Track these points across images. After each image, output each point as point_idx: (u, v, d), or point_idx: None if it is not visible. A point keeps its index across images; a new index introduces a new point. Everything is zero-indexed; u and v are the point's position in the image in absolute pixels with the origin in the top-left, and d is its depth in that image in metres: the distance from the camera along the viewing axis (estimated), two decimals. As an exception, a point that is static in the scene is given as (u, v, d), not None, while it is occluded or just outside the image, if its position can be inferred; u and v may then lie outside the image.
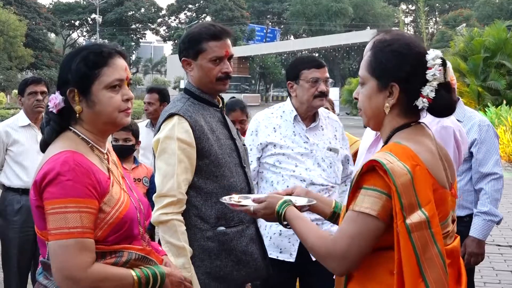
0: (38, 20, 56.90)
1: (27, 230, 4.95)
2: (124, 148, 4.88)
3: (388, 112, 2.14)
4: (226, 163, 3.02)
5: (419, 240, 1.93)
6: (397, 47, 2.13)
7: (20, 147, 4.97)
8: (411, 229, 1.92)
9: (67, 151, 2.14)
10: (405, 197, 1.94)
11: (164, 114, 3.02)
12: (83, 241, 2.07)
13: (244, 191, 3.08)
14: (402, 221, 1.93)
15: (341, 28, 67.34)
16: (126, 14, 69.07)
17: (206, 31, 3.03)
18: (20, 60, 46.09)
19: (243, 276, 3.10)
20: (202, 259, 2.96)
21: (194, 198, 2.96)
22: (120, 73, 2.26)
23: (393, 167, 1.96)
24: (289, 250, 3.66)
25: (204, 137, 2.96)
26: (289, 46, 60.14)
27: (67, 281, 2.07)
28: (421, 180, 1.98)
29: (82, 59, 2.22)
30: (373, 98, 2.17)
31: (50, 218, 2.07)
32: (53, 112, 2.24)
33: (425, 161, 2.03)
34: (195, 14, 74.74)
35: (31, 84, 5.02)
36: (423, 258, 1.93)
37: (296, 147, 3.67)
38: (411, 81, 2.08)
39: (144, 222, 2.38)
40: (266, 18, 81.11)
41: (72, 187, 2.07)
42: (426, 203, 1.96)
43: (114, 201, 2.20)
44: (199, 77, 3.06)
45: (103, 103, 2.23)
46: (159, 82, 56.26)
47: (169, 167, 2.89)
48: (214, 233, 2.98)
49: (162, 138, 2.93)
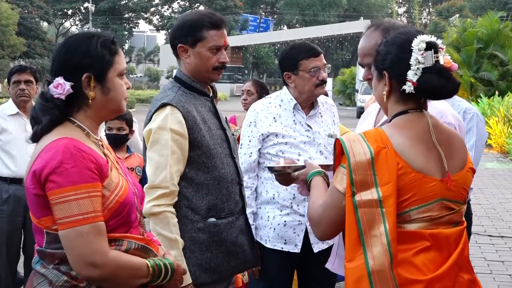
0: (31, 8, 56.55)
1: (15, 220, 4.95)
2: (118, 137, 4.87)
3: (387, 99, 2.28)
4: (217, 154, 3.00)
5: (366, 216, 2.06)
6: (389, 38, 2.29)
7: (8, 136, 4.95)
8: (358, 204, 2.07)
9: (64, 137, 2.12)
10: (358, 174, 2.08)
11: (155, 103, 2.98)
12: (97, 225, 2.08)
13: (234, 182, 3.07)
14: (350, 195, 2.09)
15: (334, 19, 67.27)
16: (119, 3, 68.72)
17: (207, 19, 3.00)
18: (13, 49, 45.86)
19: (232, 267, 3.09)
20: (192, 251, 2.94)
21: (185, 189, 2.94)
22: (124, 62, 2.33)
23: (352, 145, 2.13)
24: (294, 241, 3.61)
25: (197, 128, 2.93)
26: (282, 36, 59.95)
27: (89, 267, 2.06)
28: (384, 162, 2.09)
29: (102, 44, 2.22)
30: (377, 87, 2.33)
31: (60, 207, 2.05)
32: (61, 98, 2.19)
33: (397, 145, 2.13)
34: (188, 4, 74.39)
35: (15, 73, 5.00)
36: (368, 234, 2.05)
37: (298, 135, 3.63)
38: (396, 67, 2.20)
39: (140, 207, 2.38)
40: (259, 8, 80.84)
41: (78, 174, 2.06)
42: (384, 184, 2.07)
43: (114, 185, 2.19)
44: (195, 64, 3.02)
45: (117, 90, 2.26)
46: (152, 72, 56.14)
47: (161, 158, 2.87)
48: (205, 224, 2.97)
49: (154, 129, 2.90)
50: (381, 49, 2.29)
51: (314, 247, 3.61)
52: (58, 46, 2.30)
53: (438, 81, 2.14)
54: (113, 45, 2.26)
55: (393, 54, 2.22)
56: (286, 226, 3.60)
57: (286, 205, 3.59)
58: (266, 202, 3.66)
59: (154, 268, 2.21)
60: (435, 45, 2.18)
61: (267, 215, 3.64)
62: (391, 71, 2.22)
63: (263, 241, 3.64)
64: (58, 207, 2.05)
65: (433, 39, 2.20)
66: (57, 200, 2.05)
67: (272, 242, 3.62)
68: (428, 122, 2.22)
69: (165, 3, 76.52)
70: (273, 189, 3.62)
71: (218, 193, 2.99)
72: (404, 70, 2.16)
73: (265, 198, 3.66)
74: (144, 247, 2.25)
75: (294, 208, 3.59)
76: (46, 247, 2.17)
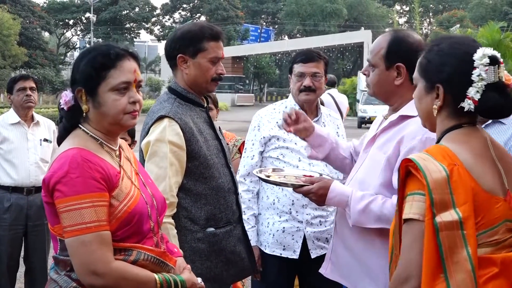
0: (32, 18, 56.64)
1: (16, 228, 4.96)
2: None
3: (437, 114, 2.09)
4: (214, 164, 3.03)
5: (447, 240, 1.85)
6: (443, 46, 2.08)
7: (10, 145, 4.96)
8: (439, 227, 1.85)
9: (74, 148, 2.18)
10: (437, 193, 1.87)
11: (152, 115, 3.00)
12: (101, 235, 2.11)
13: (231, 191, 3.11)
14: (431, 217, 1.87)
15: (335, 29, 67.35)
16: (120, 13, 68.88)
17: (208, 31, 3.04)
18: (14, 59, 45.89)
19: (231, 276, 3.13)
20: (193, 261, 2.94)
21: (183, 200, 2.96)
22: (127, 75, 2.27)
23: (427, 164, 1.91)
24: (293, 247, 3.66)
25: (194, 139, 2.96)
26: (283, 46, 60.04)
27: (91, 276, 2.10)
28: (458, 180, 1.90)
29: (90, 60, 2.25)
30: (423, 99, 2.14)
31: (65, 216, 2.10)
32: (64, 109, 2.28)
33: (465, 162, 1.95)
34: (189, 14, 74.62)
35: (20, 80, 5.02)
36: (450, 260, 1.85)
37: (299, 140, 3.64)
38: (454, 82, 2.02)
39: (157, 217, 2.39)
40: (260, 18, 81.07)
41: (83, 183, 2.10)
42: (462, 203, 1.88)
43: (123, 195, 2.22)
44: (195, 75, 3.05)
45: (108, 105, 2.25)
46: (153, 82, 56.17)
47: (160, 170, 2.88)
48: (204, 234, 3.00)
49: (153, 141, 2.92)
50: (432, 57, 2.10)
51: (312, 253, 3.66)
52: None
53: (499, 99, 1.98)
54: (109, 60, 2.25)
55: (451, 67, 2.02)
56: (285, 232, 3.65)
57: (285, 211, 3.64)
58: (266, 208, 3.72)
59: (163, 283, 2.22)
60: (497, 60, 2.01)
61: (267, 221, 3.69)
62: (447, 86, 2.03)
63: (263, 247, 3.70)
64: (63, 216, 2.11)
65: (495, 53, 2.01)
66: (62, 209, 2.10)
67: (271, 248, 3.68)
68: (485, 137, 2.06)
69: (166, 13, 76.73)
70: (273, 195, 3.68)
71: (216, 203, 3.02)
72: (464, 85, 1.99)
73: (266, 203, 3.72)
74: (156, 259, 2.26)
75: (293, 214, 3.64)
76: (60, 254, 2.23)
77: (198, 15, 73.39)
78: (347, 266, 2.92)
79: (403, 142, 2.69)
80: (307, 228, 3.63)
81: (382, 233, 2.73)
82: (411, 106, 2.78)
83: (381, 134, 2.87)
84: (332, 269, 3.02)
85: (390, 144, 2.75)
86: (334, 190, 2.82)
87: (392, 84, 2.81)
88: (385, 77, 2.82)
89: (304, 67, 3.71)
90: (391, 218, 2.68)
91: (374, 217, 2.72)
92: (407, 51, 2.76)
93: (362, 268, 2.85)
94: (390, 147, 2.74)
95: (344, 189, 2.83)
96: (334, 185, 2.84)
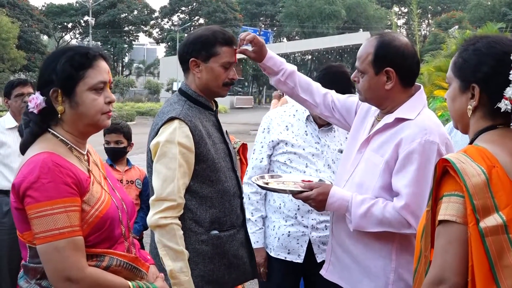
0: (31, 22, 56.76)
1: (16, 232, 4.93)
2: (116, 151, 4.88)
3: (472, 114, 2.03)
4: (221, 168, 3.03)
5: (494, 245, 1.79)
6: (480, 45, 2.03)
7: (7, 149, 4.95)
8: (485, 233, 1.79)
9: (44, 152, 2.12)
10: (478, 198, 1.81)
11: (162, 116, 2.99)
12: (74, 240, 2.06)
13: (236, 195, 3.11)
14: (475, 223, 1.80)
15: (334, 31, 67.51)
16: (119, 16, 69.00)
17: (221, 35, 3.03)
18: (13, 62, 45.98)
19: (233, 279, 3.12)
20: (196, 263, 2.95)
21: (189, 202, 2.95)
22: (103, 75, 2.27)
23: (465, 167, 1.86)
24: (297, 251, 3.66)
25: (203, 142, 2.95)
26: (282, 48, 60.17)
27: (65, 282, 2.05)
28: (499, 182, 1.85)
29: (68, 59, 2.21)
30: (457, 99, 2.08)
31: (37, 222, 2.04)
32: (34, 112, 2.22)
33: (504, 164, 1.89)
34: (188, 17, 74.71)
35: (18, 86, 4.99)
36: (499, 265, 1.79)
37: (308, 146, 3.67)
38: (491, 82, 1.97)
39: (127, 222, 2.36)
40: (259, 20, 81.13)
41: (54, 188, 2.05)
42: (504, 206, 1.82)
43: (94, 200, 2.18)
44: (207, 79, 3.04)
45: (87, 104, 2.22)
46: (152, 85, 56.23)
47: (169, 171, 2.88)
48: (208, 236, 2.98)
49: (162, 142, 2.91)
50: (468, 57, 2.04)
51: (318, 258, 3.65)
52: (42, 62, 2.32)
53: None
54: (86, 59, 2.23)
55: (488, 67, 1.97)
56: (290, 236, 3.65)
57: (291, 215, 3.64)
58: (273, 211, 3.72)
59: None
60: None
61: (273, 224, 3.70)
62: (484, 86, 1.97)
63: (268, 250, 3.71)
64: (35, 222, 2.05)
65: None
66: (34, 215, 2.05)
67: (276, 251, 3.68)
68: None
69: (165, 16, 76.85)
70: (279, 199, 3.68)
71: (221, 206, 3.02)
72: (501, 85, 1.94)
73: (273, 207, 3.73)
74: (128, 265, 2.24)
75: (298, 219, 3.63)
76: (29, 262, 2.18)
77: (196, 17, 73.45)
78: (346, 268, 2.93)
79: (401, 145, 2.69)
80: (312, 233, 3.62)
81: (380, 234, 2.75)
82: (406, 108, 2.79)
83: (375, 136, 2.86)
84: (331, 271, 3.03)
85: (387, 146, 2.75)
86: (334, 195, 2.82)
87: (383, 89, 2.80)
88: (375, 82, 2.81)
89: None
90: (393, 222, 2.68)
91: (376, 221, 2.72)
92: (395, 55, 2.76)
93: (360, 269, 2.86)
94: (387, 149, 2.74)
95: (344, 194, 2.82)
96: (334, 191, 2.83)
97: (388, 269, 2.79)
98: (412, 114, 2.77)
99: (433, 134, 2.67)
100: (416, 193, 2.65)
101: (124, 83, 54.04)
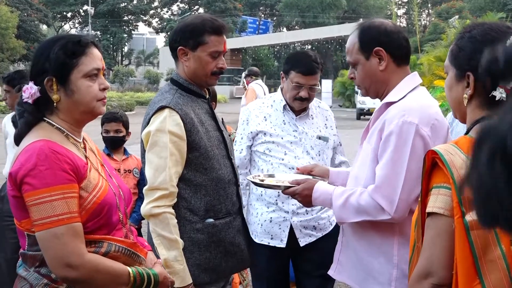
0: (30, 11, 56.54)
1: None
2: (115, 140, 4.89)
3: (468, 103, 1.99)
4: (215, 155, 3.03)
5: (479, 239, 1.75)
6: (475, 33, 1.99)
7: None
8: (470, 226, 1.74)
9: (41, 140, 2.13)
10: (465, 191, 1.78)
11: (153, 106, 3.00)
12: (73, 226, 2.07)
13: (231, 182, 3.12)
14: (460, 216, 1.76)
15: (334, 20, 67.29)
16: (118, 5, 68.82)
17: (209, 24, 3.01)
18: (12, 52, 45.86)
19: (230, 267, 3.14)
20: (191, 251, 2.96)
21: (183, 191, 2.96)
22: (97, 62, 2.27)
23: (453, 158, 1.82)
24: (280, 236, 3.73)
25: (194, 129, 2.95)
26: (281, 38, 60.03)
27: (65, 269, 2.06)
28: None
29: (61, 47, 2.21)
30: (453, 88, 2.05)
31: (35, 209, 2.05)
32: (29, 102, 2.22)
33: None
34: (187, 6, 74.51)
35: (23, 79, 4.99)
36: (483, 260, 1.75)
37: (286, 135, 3.74)
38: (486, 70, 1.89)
39: (125, 208, 2.37)
40: (258, 10, 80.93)
41: (52, 175, 2.06)
42: None
43: (92, 186, 2.19)
44: (194, 68, 3.04)
45: (82, 91, 2.22)
46: (151, 74, 56.13)
47: (160, 160, 2.88)
48: (203, 225, 2.99)
49: (153, 131, 2.91)
50: (463, 44, 2.00)
51: (301, 241, 3.73)
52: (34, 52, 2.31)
53: None
54: (79, 47, 2.23)
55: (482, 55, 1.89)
56: (272, 222, 3.74)
57: (272, 202, 3.73)
58: (256, 199, 3.82)
59: (136, 276, 2.20)
60: None
61: (256, 212, 3.80)
62: (479, 74, 1.91)
63: (253, 236, 3.76)
64: (33, 209, 2.05)
65: None
66: (32, 202, 2.05)
67: (260, 237, 3.77)
68: None
69: (164, 5, 76.64)
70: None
71: (216, 194, 3.02)
72: (496, 73, 1.85)
73: (255, 195, 3.83)
74: (127, 250, 2.25)
75: (279, 205, 3.72)
76: (28, 250, 2.18)
77: (196, 7, 73.24)
78: (354, 266, 2.88)
79: (383, 130, 2.63)
80: (293, 218, 3.70)
81: (379, 228, 2.71)
82: (394, 92, 2.75)
83: (372, 127, 2.83)
84: (339, 270, 2.97)
85: (375, 134, 2.70)
86: (318, 190, 2.83)
87: (378, 72, 2.76)
88: (369, 67, 2.78)
89: (303, 79, 3.69)
90: (368, 208, 2.64)
91: (354, 210, 2.68)
92: (378, 34, 2.76)
93: (363, 267, 2.81)
94: (374, 137, 2.69)
95: (327, 187, 2.84)
96: (318, 185, 2.85)
97: (391, 265, 2.71)
98: (397, 97, 2.71)
99: (412, 115, 2.58)
100: (389, 175, 2.57)
101: (124, 72, 53.96)
